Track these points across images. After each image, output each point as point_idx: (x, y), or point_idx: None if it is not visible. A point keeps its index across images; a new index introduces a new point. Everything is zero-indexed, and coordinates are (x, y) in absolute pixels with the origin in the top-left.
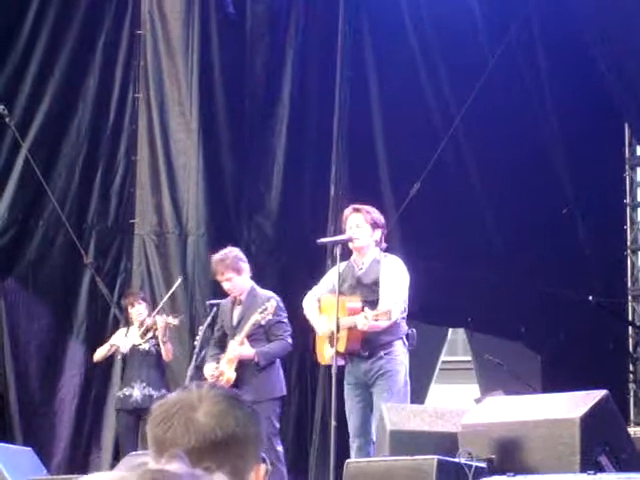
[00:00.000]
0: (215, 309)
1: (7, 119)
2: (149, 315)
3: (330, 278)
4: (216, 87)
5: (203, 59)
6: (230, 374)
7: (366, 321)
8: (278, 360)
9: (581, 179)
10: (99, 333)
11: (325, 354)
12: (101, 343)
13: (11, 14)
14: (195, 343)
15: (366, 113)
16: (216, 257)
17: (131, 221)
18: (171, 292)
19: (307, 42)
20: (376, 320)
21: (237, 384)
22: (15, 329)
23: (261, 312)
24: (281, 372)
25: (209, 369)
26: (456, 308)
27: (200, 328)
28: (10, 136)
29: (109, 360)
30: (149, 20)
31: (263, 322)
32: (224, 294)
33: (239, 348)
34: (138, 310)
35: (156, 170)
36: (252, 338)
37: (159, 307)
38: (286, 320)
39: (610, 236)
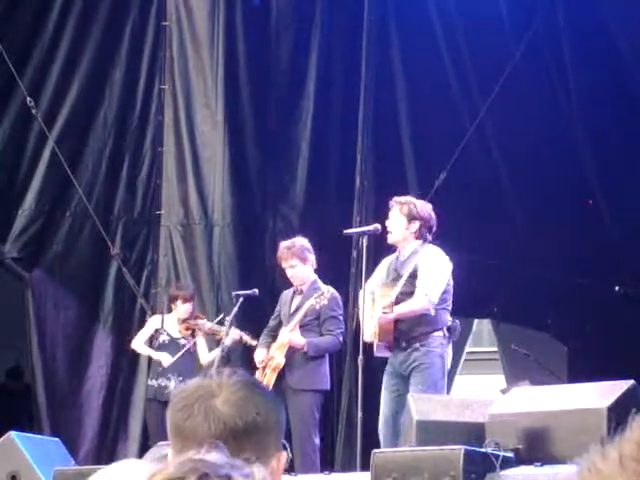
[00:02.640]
0: (241, 299)
1: (34, 111)
2: (192, 316)
3: (379, 271)
4: (241, 79)
5: (228, 50)
6: (280, 359)
7: (380, 314)
8: (327, 354)
9: (607, 167)
10: (126, 324)
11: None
12: (128, 334)
13: (37, 6)
14: (221, 334)
15: (391, 103)
16: (283, 244)
17: (157, 212)
18: (235, 309)
19: (332, 32)
20: (384, 313)
21: (285, 370)
22: (42, 320)
23: (316, 297)
24: (327, 366)
25: (259, 355)
26: (482, 298)
27: (226, 319)
28: (37, 128)
29: (136, 351)
30: (175, 12)
31: (317, 307)
32: (249, 285)
33: (289, 334)
34: (186, 309)
35: (182, 161)
36: (305, 328)
37: (227, 325)
38: (341, 317)
39: (637, 225)
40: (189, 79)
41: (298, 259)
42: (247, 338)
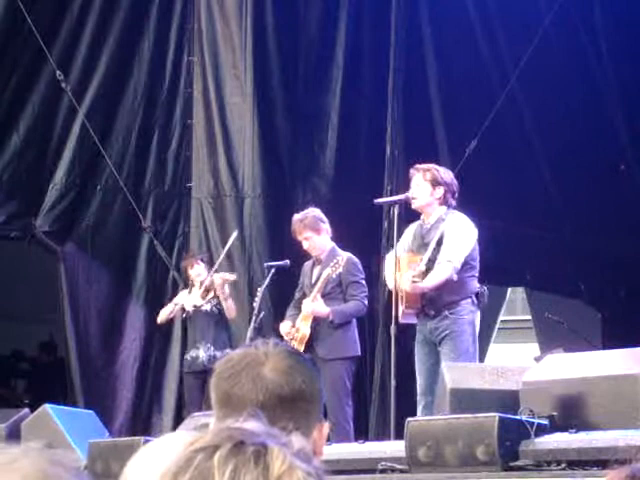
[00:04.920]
0: (273, 271)
1: (63, 84)
2: (208, 275)
3: (405, 237)
4: (270, 49)
5: (257, 21)
6: (305, 330)
7: (408, 282)
8: (354, 320)
9: (639, 131)
10: (158, 296)
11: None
12: (161, 306)
13: None
14: (254, 305)
15: (421, 71)
16: (296, 217)
17: (188, 185)
18: (227, 247)
19: (361, 1)
20: (414, 282)
21: (312, 341)
22: (75, 293)
23: (332, 266)
24: (356, 332)
25: (285, 327)
26: (515, 266)
27: (258, 290)
28: (67, 102)
29: (169, 323)
30: None
31: (334, 275)
32: (280, 256)
33: (312, 304)
34: (197, 271)
35: (212, 133)
36: (329, 297)
37: (216, 265)
38: (363, 282)
39: None
40: (218, 50)
41: (311, 230)
42: (227, 275)
